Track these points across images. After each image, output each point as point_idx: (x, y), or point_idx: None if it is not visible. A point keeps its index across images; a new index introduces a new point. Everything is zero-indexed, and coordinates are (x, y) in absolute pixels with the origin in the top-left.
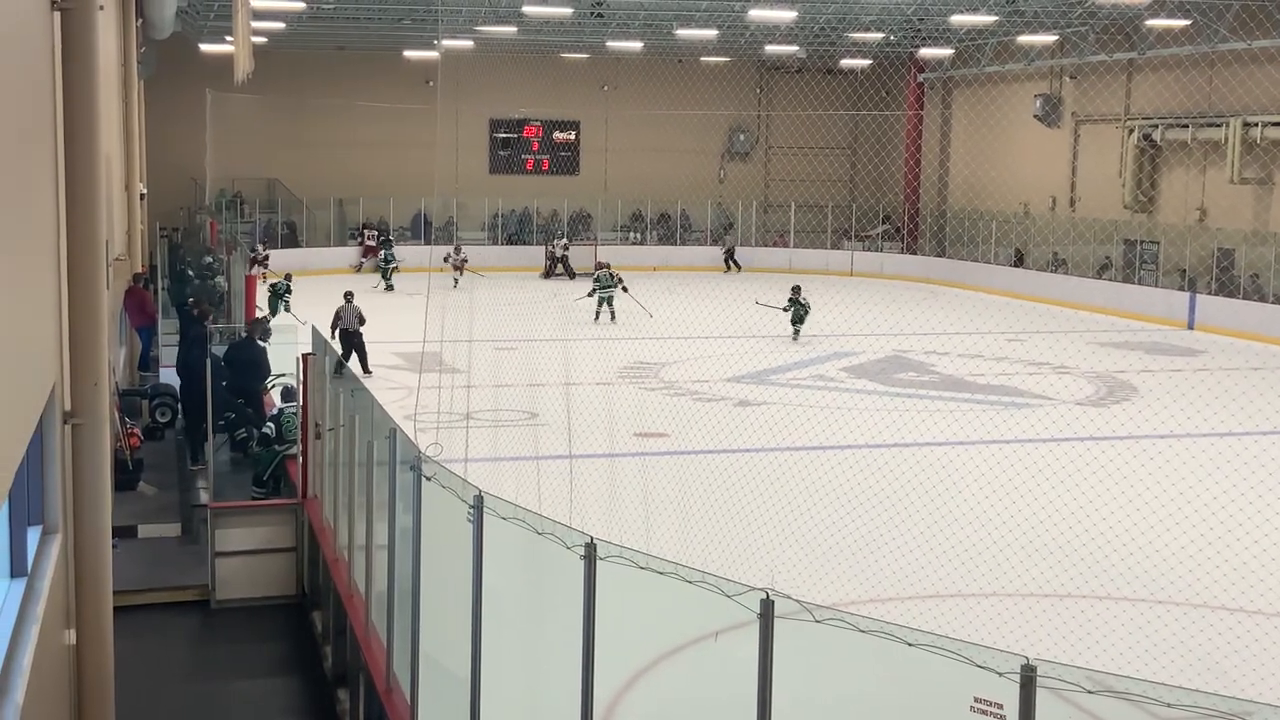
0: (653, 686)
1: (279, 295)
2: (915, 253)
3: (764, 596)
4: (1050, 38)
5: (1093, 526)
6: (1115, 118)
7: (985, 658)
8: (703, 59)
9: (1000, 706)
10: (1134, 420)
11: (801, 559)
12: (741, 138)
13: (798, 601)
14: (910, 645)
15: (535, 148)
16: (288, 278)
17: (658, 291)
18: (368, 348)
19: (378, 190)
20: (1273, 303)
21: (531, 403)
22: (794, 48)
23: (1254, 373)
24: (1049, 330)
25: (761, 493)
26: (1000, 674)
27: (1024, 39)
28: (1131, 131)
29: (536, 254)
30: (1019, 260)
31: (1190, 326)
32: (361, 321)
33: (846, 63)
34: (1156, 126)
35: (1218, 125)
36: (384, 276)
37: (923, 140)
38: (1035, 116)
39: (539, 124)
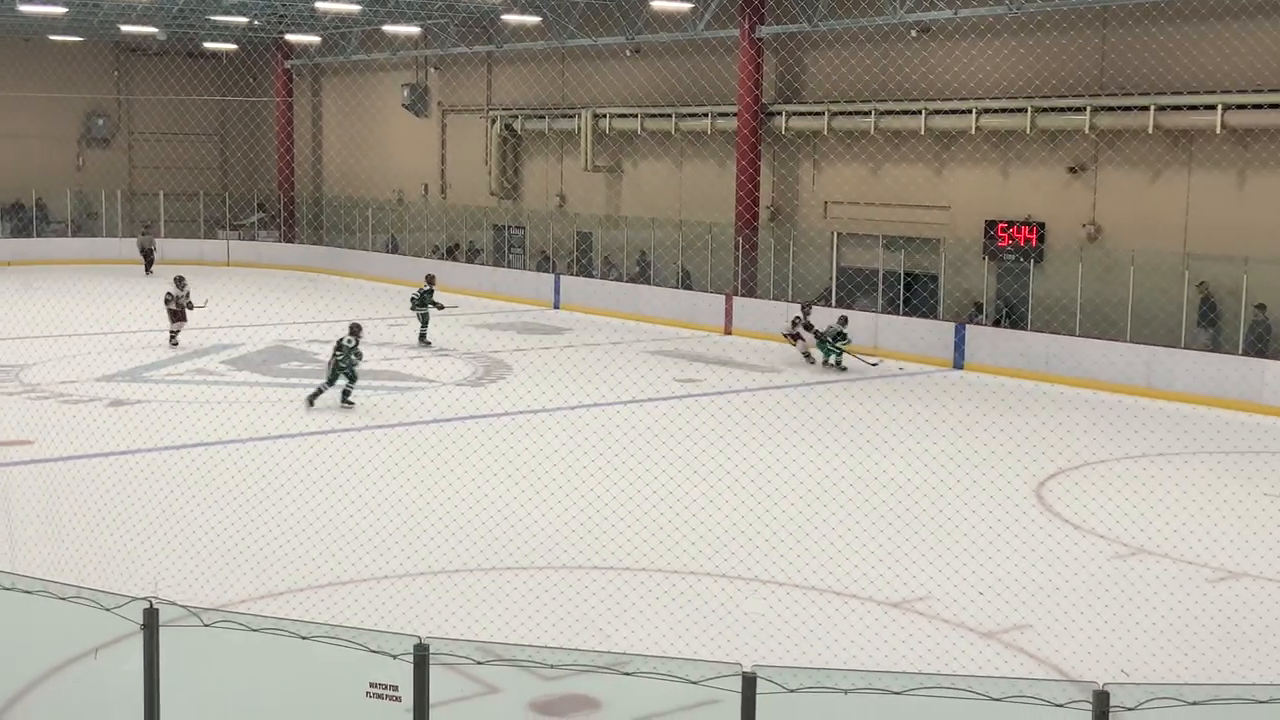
0: (29, 714)
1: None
2: (293, 241)
3: (147, 605)
4: (414, 28)
5: (477, 502)
6: (479, 108)
7: (380, 642)
8: (51, 38)
9: (395, 688)
10: (510, 398)
11: (188, 562)
12: (101, 123)
13: (184, 607)
14: (304, 638)
15: None
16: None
17: (11, 287)
18: None
19: None
20: (627, 282)
21: None
22: (153, 29)
23: (613, 347)
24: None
25: (141, 496)
26: (394, 656)
27: (389, 28)
28: (494, 121)
29: None
30: (394, 247)
31: (556, 306)
32: None
33: (211, 46)
34: (516, 117)
35: (571, 116)
36: None
37: (294, 127)
38: (404, 105)
39: None
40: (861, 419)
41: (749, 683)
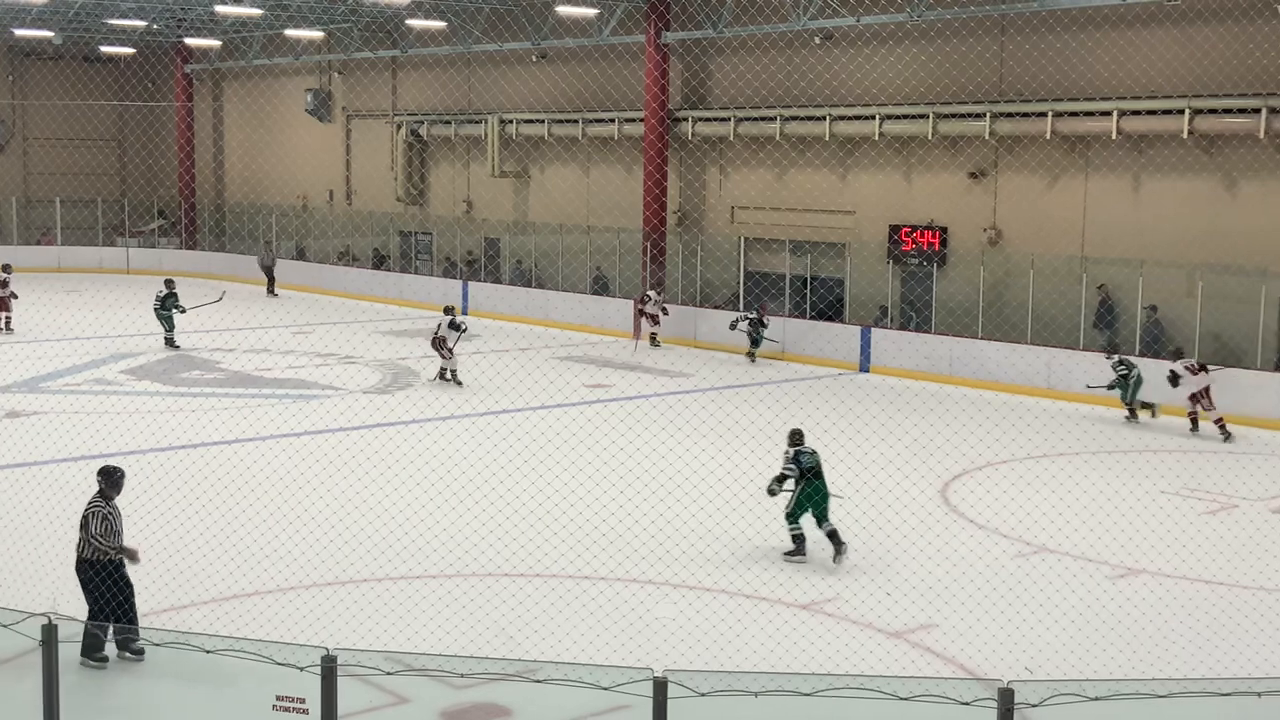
0: None
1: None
2: (195, 248)
3: (45, 621)
4: (317, 33)
5: (385, 511)
6: (384, 113)
7: (286, 654)
8: None
9: (303, 701)
10: (417, 405)
11: None
12: None
13: (84, 622)
14: (208, 652)
15: None
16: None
17: None
18: None
19: None
20: (535, 287)
21: None
22: (48, 32)
23: (522, 353)
24: (334, 321)
25: (38, 510)
26: (302, 669)
27: (291, 33)
28: (400, 127)
29: None
30: (300, 254)
31: (464, 312)
32: None
33: (108, 50)
34: (422, 122)
35: (477, 122)
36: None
37: (195, 133)
38: (307, 111)
39: None
40: (770, 422)
41: (660, 687)
